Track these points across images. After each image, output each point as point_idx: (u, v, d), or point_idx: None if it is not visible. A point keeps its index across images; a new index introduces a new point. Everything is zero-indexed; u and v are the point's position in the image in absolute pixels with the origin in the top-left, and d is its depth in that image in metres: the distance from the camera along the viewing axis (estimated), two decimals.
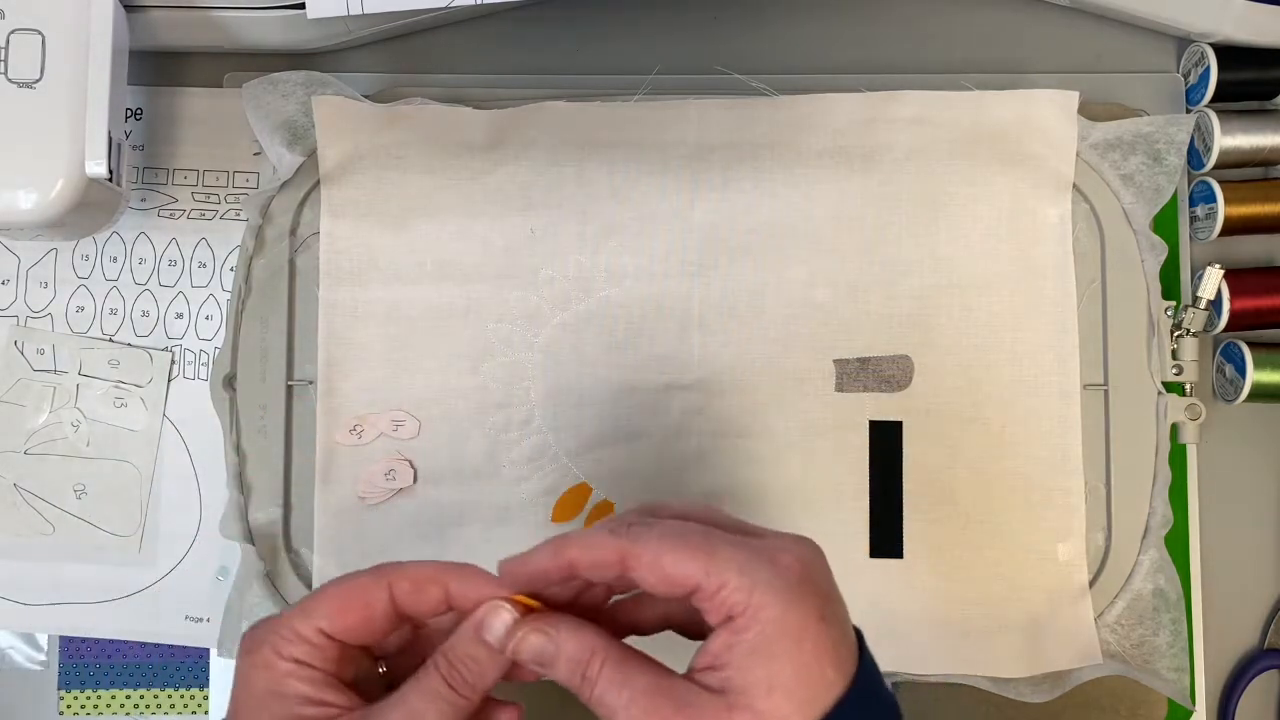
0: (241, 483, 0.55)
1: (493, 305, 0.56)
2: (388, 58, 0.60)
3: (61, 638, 0.59)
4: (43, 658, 0.59)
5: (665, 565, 0.33)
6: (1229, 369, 0.57)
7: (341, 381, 0.56)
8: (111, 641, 0.58)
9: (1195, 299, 0.55)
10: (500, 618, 0.36)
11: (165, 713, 0.58)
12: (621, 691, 0.34)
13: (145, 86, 0.59)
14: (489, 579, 0.37)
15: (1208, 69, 0.56)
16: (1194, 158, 0.57)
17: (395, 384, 0.56)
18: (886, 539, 0.55)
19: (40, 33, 0.52)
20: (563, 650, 0.35)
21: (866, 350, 0.55)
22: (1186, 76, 0.59)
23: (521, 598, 0.36)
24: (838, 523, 0.55)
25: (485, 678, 0.36)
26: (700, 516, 0.36)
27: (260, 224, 0.56)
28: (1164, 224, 0.57)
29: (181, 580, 0.57)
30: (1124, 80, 0.59)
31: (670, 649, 0.36)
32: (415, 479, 0.55)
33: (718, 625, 0.33)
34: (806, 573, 0.34)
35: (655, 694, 0.33)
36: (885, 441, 0.55)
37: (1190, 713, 0.56)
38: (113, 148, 0.52)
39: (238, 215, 0.59)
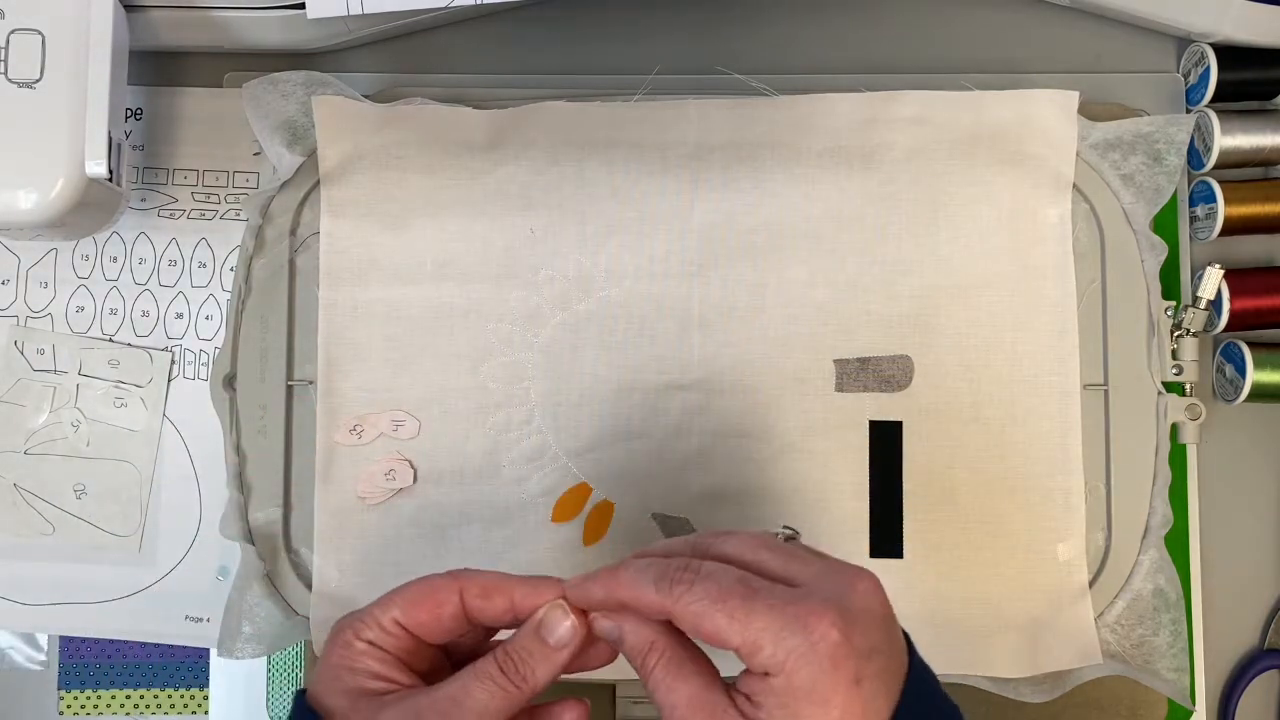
0: (241, 483, 0.55)
1: (493, 305, 0.56)
2: (388, 58, 0.60)
3: (61, 638, 0.59)
4: (43, 658, 0.59)
5: (703, 627, 0.35)
6: (1229, 369, 0.57)
7: (341, 381, 0.55)
8: (111, 641, 0.58)
9: (1195, 299, 0.55)
10: (559, 618, 0.38)
11: (165, 713, 0.58)
12: (668, 695, 0.37)
13: (145, 86, 0.59)
14: (551, 586, 0.39)
15: (1208, 69, 0.56)
16: (1194, 158, 0.57)
17: (395, 384, 0.56)
18: (886, 539, 0.55)
19: (40, 33, 0.52)
20: (625, 637, 0.38)
21: (866, 350, 0.55)
22: (1186, 76, 0.59)
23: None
24: (838, 522, 0.55)
25: (537, 671, 0.38)
26: (748, 560, 0.37)
27: (260, 224, 0.56)
28: (1164, 224, 0.57)
29: (181, 580, 0.57)
30: (1124, 80, 0.59)
31: None
32: (415, 479, 0.55)
33: (755, 673, 0.35)
34: (844, 637, 0.34)
35: (696, 708, 0.36)
36: (885, 441, 0.55)
37: (1190, 713, 0.56)
38: (113, 148, 0.52)
39: (238, 215, 0.59)
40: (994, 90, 0.55)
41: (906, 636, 0.38)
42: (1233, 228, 0.56)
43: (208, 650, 0.58)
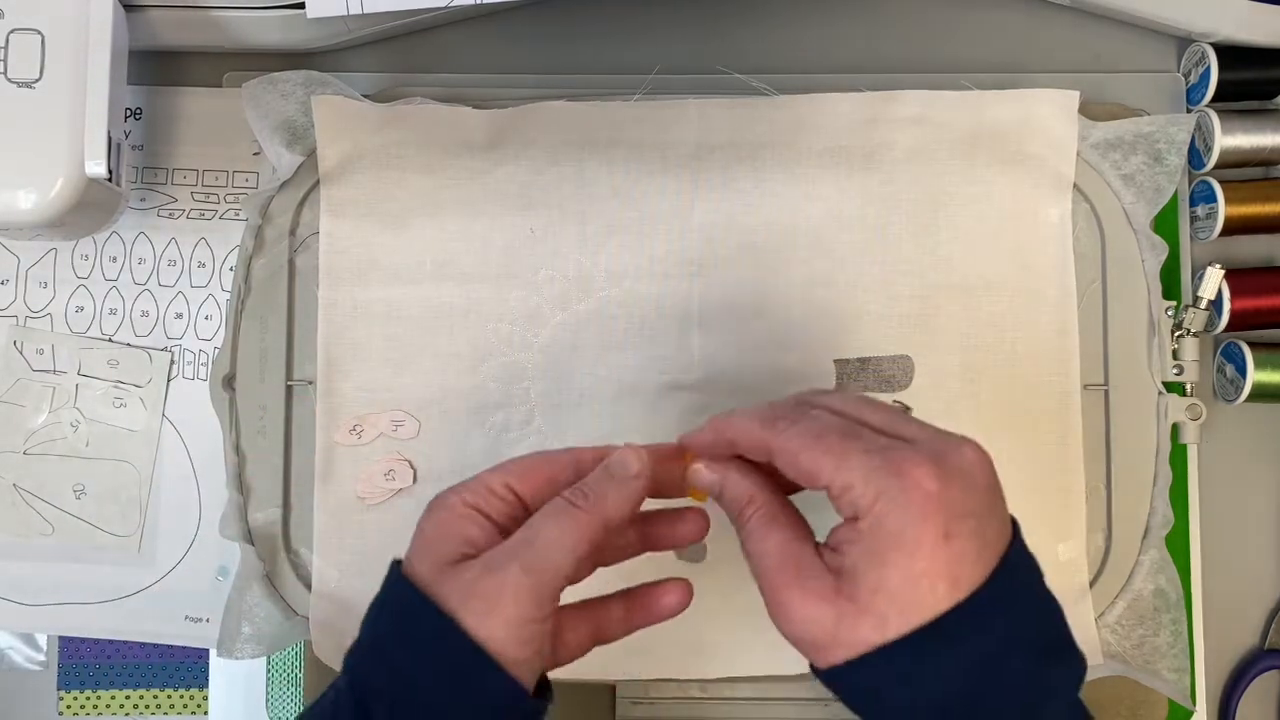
0: (241, 483, 0.55)
1: (493, 305, 0.56)
2: (387, 57, 0.60)
3: (61, 638, 0.59)
4: (42, 658, 0.59)
5: (800, 462, 0.36)
6: (1229, 369, 0.57)
7: (341, 381, 0.55)
8: (111, 642, 0.58)
9: (1196, 299, 0.55)
10: (626, 454, 0.39)
11: (165, 713, 0.58)
12: (759, 544, 0.37)
13: (145, 86, 0.59)
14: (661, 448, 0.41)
15: (1208, 69, 0.56)
16: (1194, 157, 0.57)
17: (395, 384, 0.55)
18: None
19: (40, 32, 0.52)
20: (726, 489, 0.39)
21: (867, 350, 0.55)
22: (1187, 76, 0.59)
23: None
24: (839, 522, 0.54)
25: (607, 499, 0.38)
26: (852, 413, 0.38)
27: (260, 224, 0.56)
28: (1164, 224, 0.57)
29: (181, 580, 0.57)
30: (1124, 80, 0.59)
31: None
32: (415, 479, 0.55)
33: (845, 519, 0.36)
34: (939, 487, 0.34)
35: (784, 557, 0.37)
36: None
37: (1191, 713, 0.56)
38: (112, 147, 0.52)
39: (237, 215, 0.59)
40: (994, 90, 0.55)
41: (1015, 524, 0.37)
42: (1233, 228, 0.56)
43: (207, 650, 0.58)
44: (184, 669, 0.58)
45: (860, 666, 0.34)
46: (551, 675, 0.40)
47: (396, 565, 0.39)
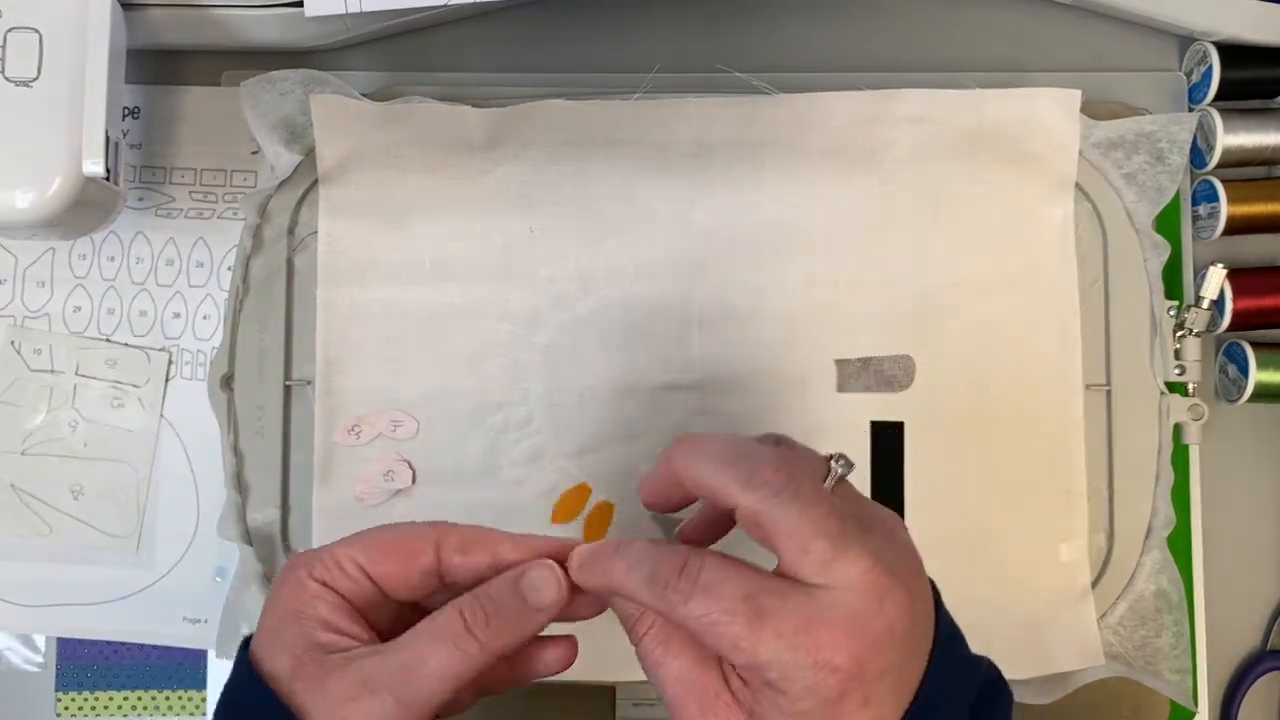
0: (239, 483, 0.55)
1: (492, 305, 0.56)
2: (386, 56, 0.60)
3: (59, 639, 0.58)
4: (40, 659, 0.59)
5: (705, 640, 0.33)
6: (1232, 369, 0.56)
7: (340, 382, 0.55)
8: (109, 643, 0.58)
9: (1198, 299, 0.55)
10: (547, 578, 0.35)
11: (163, 714, 0.58)
12: (655, 670, 0.34)
13: (143, 85, 0.59)
14: (542, 545, 0.37)
15: (1210, 68, 0.56)
16: (1196, 157, 0.57)
17: (394, 384, 0.55)
18: None
19: (38, 31, 0.51)
20: (614, 602, 0.36)
21: (868, 350, 0.55)
22: (1189, 75, 0.58)
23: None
24: None
25: (509, 631, 0.34)
26: (741, 577, 0.33)
27: (258, 223, 0.55)
28: (1166, 223, 0.57)
29: (179, 581, 0.57)
30: (1126, 79, 0.58)
31: None
32: (414, 480, 0.55)
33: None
34: (856, 667, 0.32)
35: (685, 688, 0.34)
36: (886, 442, 0.55)
37: (1193, 714, 0.55)
38: (110, 147, 0.52)
39: (235, 214, 0.58)
40: (996, 89, 0.55)
41: (938, 603, 0.35)
42: (1235, 227, 0.56)
43: (206, 652, 0.58)
44: (182, 670, 0.58)
45: None
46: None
47: (246, 649, 0.35)
